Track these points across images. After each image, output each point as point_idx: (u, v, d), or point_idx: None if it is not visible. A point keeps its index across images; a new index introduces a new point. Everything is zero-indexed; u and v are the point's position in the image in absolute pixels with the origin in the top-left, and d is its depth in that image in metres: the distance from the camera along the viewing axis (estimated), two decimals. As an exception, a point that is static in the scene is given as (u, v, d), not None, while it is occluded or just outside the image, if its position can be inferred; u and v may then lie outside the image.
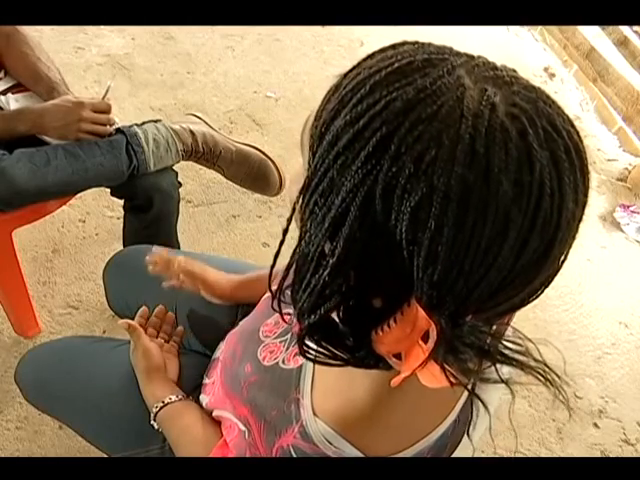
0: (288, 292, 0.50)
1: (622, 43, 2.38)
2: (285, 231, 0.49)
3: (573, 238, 0.46)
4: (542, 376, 0.46)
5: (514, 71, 0.46)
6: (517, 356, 0.46)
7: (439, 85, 0.42)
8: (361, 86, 0.44)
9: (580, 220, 0.45)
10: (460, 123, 0.41)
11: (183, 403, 0.85)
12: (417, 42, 0.48)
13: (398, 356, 0.47)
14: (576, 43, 2.62)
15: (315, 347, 0.50)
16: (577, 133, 0.45)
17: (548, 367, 0.47)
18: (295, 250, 0.48)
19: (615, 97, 2.42)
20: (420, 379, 0.46)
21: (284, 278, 0.49)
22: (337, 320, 0.48)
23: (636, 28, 2.38)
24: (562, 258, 0.47)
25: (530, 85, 0.45)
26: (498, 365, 0.48)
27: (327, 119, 0.45)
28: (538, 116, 0.43)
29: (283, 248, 0.49)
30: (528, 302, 0.48)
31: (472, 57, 0.46)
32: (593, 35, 2.55)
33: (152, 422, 0.84)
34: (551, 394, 0.48)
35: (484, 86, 0.43)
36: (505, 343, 0.46)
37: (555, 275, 0.48)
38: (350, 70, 0.47)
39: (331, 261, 0.44)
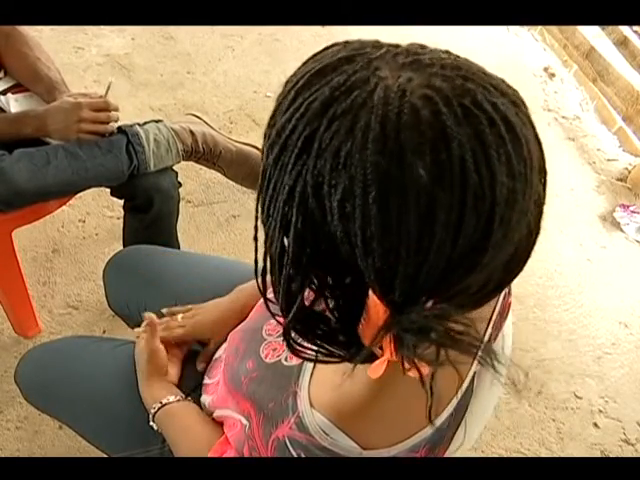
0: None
1: (622, 43, 2.38)
2: (255, 238, 0.51)
3: (531, 215, 0.45)
4: (481, 356, 0.45)
5: (445, 52, 0.46)
6: (462, 337, 0.44)
7: (353, 80, 0.43)
8: (288, 93, 0.47)
9: (528, 195, 0.44)
10: (370, 113, 0.42)
11: (181, 404, 0.85)
12: (345, 42, 0.48)
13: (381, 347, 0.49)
14: (576, 43, 2.62)
15: (311, 346, 0.51)
16: (512, 102, 0.44)
17: (485, 345, 0.45)
18: (264, 252, 0.50)
19: (615, 97, 2.42)
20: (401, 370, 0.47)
21: (264, 280, 0.51)
22: (330, 317, 0.49)
23: (636, 28, 2.38)
24: (532, 237, 0.46)
25: (455, 63, 0.45)
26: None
27: (266, 128, 0.49)
28: (455, 94, 0.42)
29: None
30: (503, 285, 0.48)
31: (396, 46, 0.47)
32: (593, 35, 2.55)
33: (151, 423, 0.84)
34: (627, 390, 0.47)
35: (399, 73, 0.43)
36: (447, 324, 0.45)
37: (527, 256, 0.47)
38: (288, 78, 0.49)
39: (287, 259, 0.47)
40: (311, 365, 0.63)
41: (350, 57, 0.45)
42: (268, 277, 0.51)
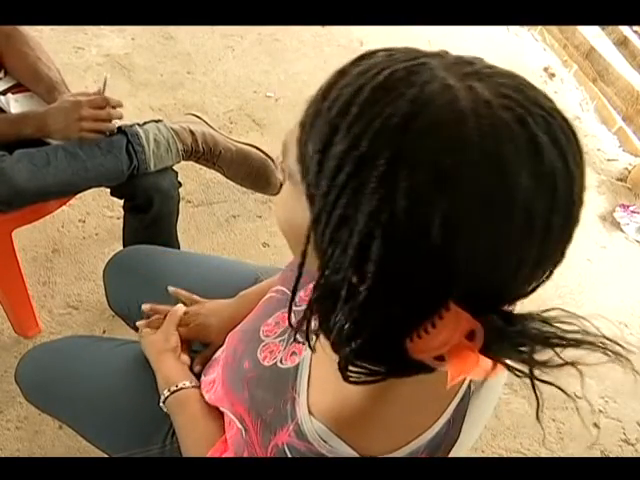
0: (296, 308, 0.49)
1: (622, 43, 2.38)
2: (301, 265, 0.48)
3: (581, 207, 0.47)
4: (605, 349, 0.47)
5: (482, 60, 0.46)
6: (575, 336, 0.46)
7: (428, 92, 0.42)
8: (348, 107, 0.43)
9: (585, 189, 0.47)
10: (463, 126, 0.41)
11: (195, 391, 0.85)
12: (384, 50, 0.47)
13: (439, 358, 0.46)
14: (576, 43, 2.62)
15: (352, 368, 0.49)
16: (558, 107, 0.46)
17: (608, 339, 0.47)
18: (317, 283, 0.47)
19: (615, 97, 2.42)
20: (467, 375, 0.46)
21: (310, 311, 0.48)
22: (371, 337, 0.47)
23: (636, 28, 2.38)
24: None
25: (507, 73, 0.45)
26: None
27: (319, 147, 0.45)
28: (529, 102, 0.43)
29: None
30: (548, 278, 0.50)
31: (442, 55, 0.46)
32: (593, 35, 2.55)
33: (161, 404, 0.84)
34: (626, 389, 0.48)
35: (469, 83, 0.43)
36: (561, 326, 0.46)
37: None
38: (325, 92, 0.46)
39: (364, 286, 0.43)
40: (307, 369, 0.63)
41: (410, 68, 0.44)
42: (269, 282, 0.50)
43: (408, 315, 0.45)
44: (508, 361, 0.46)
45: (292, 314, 0.53)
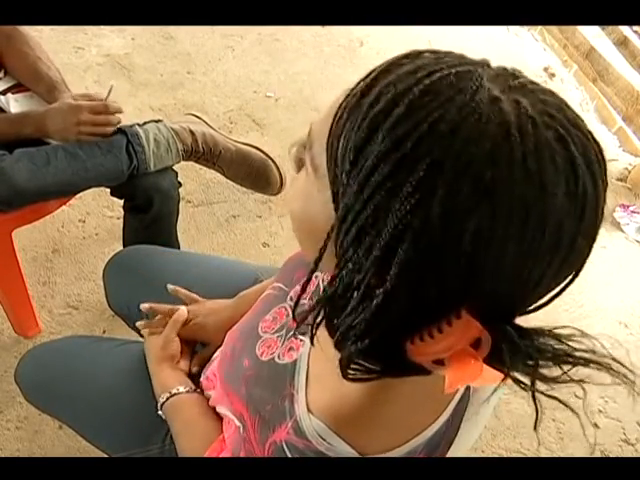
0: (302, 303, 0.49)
1: (622, 43, 2.38)
2: (317, 260, 0.48)
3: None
4: (612, 370, 0.47)
5: (523, 73, 0.46)
6: (584, 355, 0.46)
7: (477, 101, 0.42)
8: (393, 106, 0.43)
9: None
10: (509, 141, 0.41)
11: (190, 395, 0.85)
12: (431, 51, 0.47)
13: (437, 361, 0.46)
14: (576, 43, 2.62)
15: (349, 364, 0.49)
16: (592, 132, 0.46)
17: (616, 360, 0.47)
18: (333, 281, 0.46)
19: (615, 97, 2.42)
20: (467, 382, 0.46)
21: (320, 309, 0.48)
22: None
23: (636, 28, 2.38)
24: None
25: (547, 90, 0.45)
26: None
27: (358, 142, 0.44)
28: (569, 123, 0.43)
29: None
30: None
31: (485, 64, 0.46)
32: (593, 35, 2.55)
33: (159, 412, 0.85)
34: (626, 389, 0.48)
35: (515, 97, 0.43)
36: (571, 344, 0.47)
37: None
38: (367, 86, 0.45)
39: (382, 289, 0.43)
40: (305, 366, 0.63)
41: (459, 74, 0.43)
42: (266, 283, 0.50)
43: (418, 319, 0.45)
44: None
45: (295, 308, 0.52)
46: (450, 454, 0.64)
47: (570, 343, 0.47)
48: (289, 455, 0.58)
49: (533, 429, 0.48)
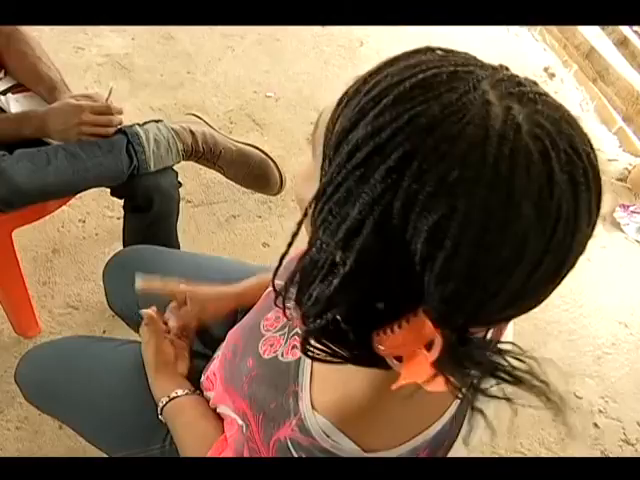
0: (292, 289, 0.49)
1: (622, 43, 2.38)
2: (294, 234, 0.48)
3: (581, 254, 0.46)
4: (545, 397, 0.46)
5: (535, 84, 0.45)
6: (522, 375, 0.45)
7: (465, 101, 0.41)
8: (383, 96, 0.43)
9: (589, 238, 0.45)
10: (485, 144, 0.40)
11: (189, 398, 0.85)
12: (440, 49, 0.47)
13: (399, 358, 0.47)
14: (576, 43, 2.62)
15: (315, 345, 0.50)
16: (595, 155, 0.45)
17: (551, 388, 0.46)
18: (304, 255, 0.47)
19: (615, 97, 2.42)
20: (421, 384, 0.47)
21: (291, 279, 0.49)
22: (339, 319, 0.48)
23: (636, 28, 2.38)
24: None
25: (553, 103, 0.44)
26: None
27: (346, 126, 0.45)
28: (560, 138, 0.42)
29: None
30: (528, 311, 0.49)
31: (496, 69, 0.45)
32: (593, 35, 2.55)
33: (159, 417, 0.85)
34: (552, 413, 0.47)
35: (509, 103, 0.42)
36: (511, 361, 0.46)
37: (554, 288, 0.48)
38: (370, 75, 0.46)
39: (342, 270, 0.44)
40: (309, 363, 0.63)
41: (458, 73, 0.43)
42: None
43: (375, 310, 0.46)
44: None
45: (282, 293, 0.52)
46: (453, 453, 0.64)
47: (512, 361, 0.46)
48: (293, 452, 0.58)
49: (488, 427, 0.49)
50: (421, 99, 0.42)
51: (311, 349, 0.50)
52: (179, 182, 1.40)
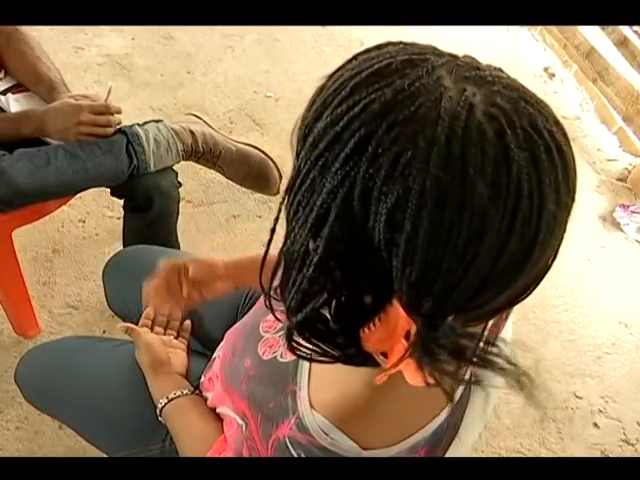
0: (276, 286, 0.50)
1: (622, 43, 2.38)
2: (272, 230, 0.49)
3: (559, 240, 0.46)
4: (516, 380, 0.45)
5: (499, 70, 0.46)
6: (493, 358, 0.45)
7: (417, 86, 0.42)
8: (342, 88, 0.45)
9: (565, 223, 0.45)
10: (437, 124, 0.41)
11: (188, 398, 0.85)
12: (401, 42, 0.48)
13: (385, 354, 0.48)
14: (576, 43, 2.62)
15: (306, 344, 0.51)
16: (562, 133, 0.45)
17: (523, 372, 0.46)
18: (282, 248, 0.48)
19: (615, 97, 2.42)
20: (406, 378, 0.47)
21: (273, 276, 0.50)
22: (328, 317, 0.48)
23: (636, 28, 2.38)
24: (550, 260, 0.47)
25: (513, 84, 0.45)
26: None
27: (310, 120, 0.46)
28: (518, 116, 0.42)
29: (279, 246, 0.49)
30: (515, 303, 0.48)
31: (455, 57, 0.46)
32: (593, 35, 2.55)
33: (159, 418, 0.85)
34: (523, 398, 0.47)
35: (464, 86, 0.43)
36: (482, 346, 0.46)
37: (543, 277, 0.48)
38: (335, 71, 0.48)
39: (314, 259, 0.45)
40: (307, 363, 0.63)
41: (412, 61, 0.44)
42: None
43: (359, 304, 0.46)
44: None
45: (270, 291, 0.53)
46: (452, 452, 0.64)
47: (485, 346, 0.46)
48: (292, 451, 0.58)
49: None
50: (375, 87, 0.43)
51: (298, 346, 0.51)
52: (179, 182, 1.40)
